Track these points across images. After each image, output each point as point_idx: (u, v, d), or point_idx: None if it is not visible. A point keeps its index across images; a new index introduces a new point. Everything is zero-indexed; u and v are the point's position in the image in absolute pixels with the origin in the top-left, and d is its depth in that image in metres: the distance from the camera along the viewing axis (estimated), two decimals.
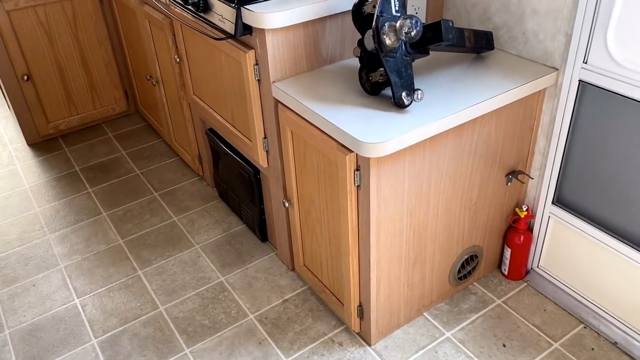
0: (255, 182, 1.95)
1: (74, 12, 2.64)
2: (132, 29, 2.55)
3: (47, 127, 2.80)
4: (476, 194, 1.63)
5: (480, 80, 1.49)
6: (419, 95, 1.36)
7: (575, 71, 1.44)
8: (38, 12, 2.56)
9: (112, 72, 2.86)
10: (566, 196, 1.63)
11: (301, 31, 1.53)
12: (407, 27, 1.27)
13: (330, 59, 1.63)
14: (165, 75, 2.33)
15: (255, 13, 1.45)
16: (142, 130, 2.89)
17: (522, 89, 1.46)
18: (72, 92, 2.80)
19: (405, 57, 1.38)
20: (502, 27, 1.62)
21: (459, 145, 1.47)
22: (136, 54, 2.64)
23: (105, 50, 2.79)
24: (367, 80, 1.44)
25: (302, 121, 1.48)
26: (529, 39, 1.56)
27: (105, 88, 2.89)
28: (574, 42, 1.41)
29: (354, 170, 1.36)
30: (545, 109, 1.60)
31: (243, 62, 1.60)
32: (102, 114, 2.94)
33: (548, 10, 1.47)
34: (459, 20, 1.75)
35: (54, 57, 2.68)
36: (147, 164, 2.61)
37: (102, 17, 2.72)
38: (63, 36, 2.66)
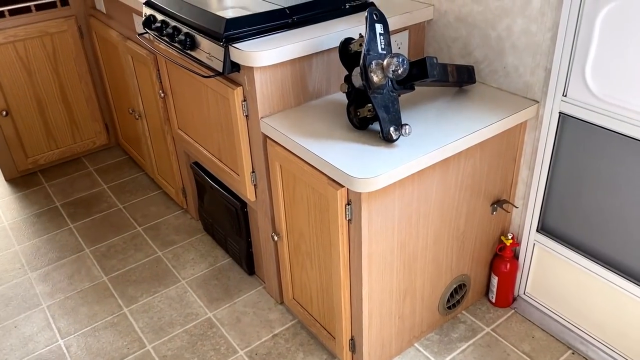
0: (242, 215, 1.94)
1: (53, 46, 2.63)
2: (113, 63, 2.55)
3: (25, 162, 2.76)
4: (463, 223, 1.65)
5: (464, 114, 1.53)
6: (406, 130, 1.38)
7: (555, 104, 1.49)
8: (17, 48, 2.54)
9: (92, 105, 2.84)
10: (550, 224, 1.67)
11: (288, 68, 1.56)
12: (394, 66, 1.30)
13: (317, 94, 1.66)
14: (148, 109, 2.33)
15: (243, 52, 1.47)
16: (123, 164, 2.87)
17: (505, 122, 1.50)
18: (51, 126, 2.77)
19: (392, 93, 1.41)
20: (483, 61, 1.67)
21: (445, 178, 1.50)
22: (118, 87, 2.64)
23: (85, 84, 2.78)
24: (355, 115, 1.46)
25: (292, 156, 1.49)
26: (510, 72, 1.61)
27: (86, 121, 2.87)
28: (553, 76, 1.46)
29: (345, 205, 1.37)
30: (527, 140, 1.64)
31: (231, 99, 1.61)
32: (82, 147, 2.91)
33: (527, 45, 1.53)
34: (440, 55, 1.80)
35: (33, 92, 2.65)
36: (130, 197, 2.59)
37: (83, 51, 2.71)
38: (43, 71, 2.64)
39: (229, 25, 1.53)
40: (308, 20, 1.65)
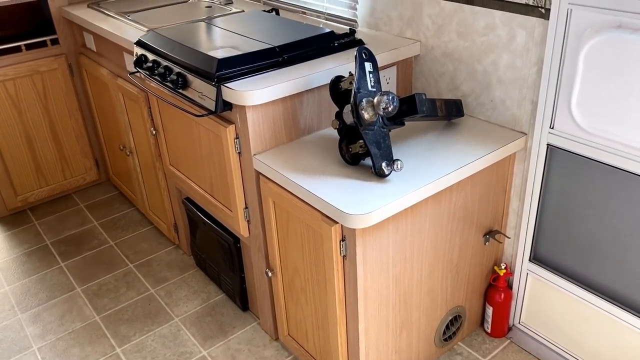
0: (236, 250, 1.94)
1: (43, 84, 2.64)
2: (104, 100, 2.56)
3: (15, 200, 2.74)
4: (457, 255, 1.66)
5: (454, 147, 1.55)
6: (398, 165, 1.40)
7: (543, 136, 1.52)
8: (7, 87, 2.55)
9: (82, 142, 2.84)
10: (543, 253, 1.69)
11: (280, 105, 1.58)
12: (385, 103, 1.33)
13: (309, 130, 1.68)
14: (139, 145, 2.33)
15: (235, 91, 1.49)
16: (114, 199, 2.86)
17: (494, 155, 1.53)
18: (41, 163, 2.76)
19: (382, 129, 1.43)
20: (470, 94, 1.70)
21: (438, 211, 1.51)
22: (108, 124, 2.64)
23: (75, 120, 2.79)
24: (347, 151, 1.48)
25: (285, 192, 1.50)
26: (497, 105, 1.64)
27: (76, 158, 2.86)
28: (540, 109, 1.49)
29: (340, 241, 1.38)
30: (516, 171, 1.67)
31: (223, 137, 1.63)
32: (72, 184, 2.89)
33: (513, 79, 1.56)
34: (428, 88, 1.83)
35: (23, 130, 2.65)
36: (121, 234, 2.57)
37: (73, 88, 2.72)
38: (32, 109, 2.65)
39: (221, 65, 1.55)
40: (298, 58, 1.68)
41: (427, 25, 1.74)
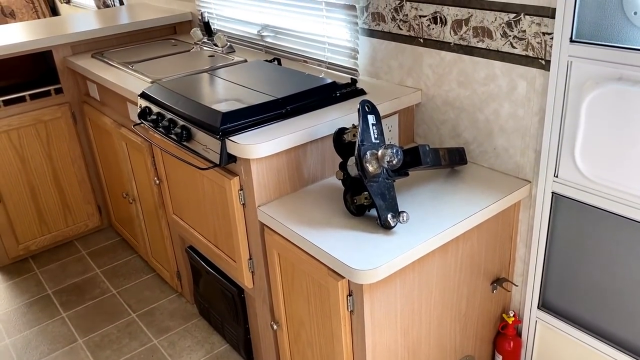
0: (240, 301, 1.91)
1: (47, 133, 2.66)
2: (107, 148, 2.58)
3: (17, 248, 2.73)
4: (464, 305, 1.64)
5: (459, 195, 1.55)
6: (404, 217, 1.40)
7: (547, 184, 1.52)
8: (11, 136, 2.56)
9: (85, 188, 2.85)
10: (551, 300, 1.66)
11: (284, 157, 1.58)
12: (389, 157, 1.33)
13: (313, 179, 1.68)
14: (142, 193, 2.33)
15: (240, 145, 1.49)
16: (116, 246, 2.84)
17: (500, 204, 1.53)
18: (43, 211, 2.76)
19: (387, 180, 1.43)
20: (473, 142, 1.71)
21: (445, 261, 1.50)
22: (111, 171, 2.65)
23: (78, 167, 2.79)
24: (352, 203, 1.48)
25: (290, 245, 1.49)
26: (500, 153, 1.65)
27: (78, 204, 2.86)
28: (544, 158, 1.50)
29: (347, 296, 1.36)
30: (522, 218, 1.66)
31: (228, 188, 1.63)
32: (74, 230, 2.88)
33: (515, 128, 1.57)
34: (430, 136, 1.84)
35: (26, 178, 2.66)
36: (123, 282, 2.55)
37: (76, 136, 2.74)
38: (36, 157, 2.66)
39: (225, 119, 1.56)
40: (301, 109, 1.69)
41: (427, 75, 1.76)
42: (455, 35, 1.62)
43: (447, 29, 1.64)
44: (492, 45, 1.54)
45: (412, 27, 1.74)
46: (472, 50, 1.60)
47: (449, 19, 1.62)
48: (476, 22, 1.55)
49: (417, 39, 1.74)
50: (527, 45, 1.45)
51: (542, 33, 1.41)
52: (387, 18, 1.81)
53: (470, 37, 1.58)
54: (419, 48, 1.75)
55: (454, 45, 1.64)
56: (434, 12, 1.66)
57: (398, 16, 1.77)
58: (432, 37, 1.69)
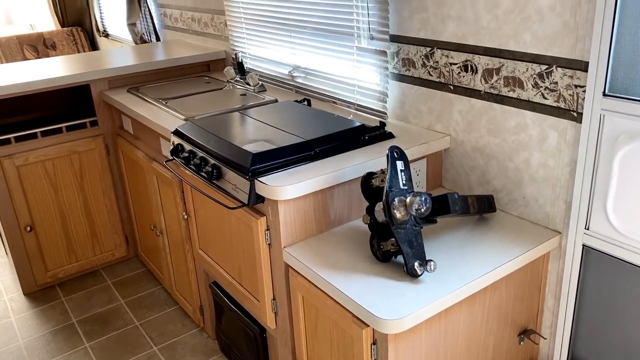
0: (261, 341, 1.90)
1: (80, 163, 2.73)
2: (138, 181, 2.63)
3: (45, 275, 2.77)
4: (490, 356, 1.60)
5: (487, 245, 1.53)
6: (431, 266, 1.38)
7: (578, 236, 1.50)
8: (46, 166, 2.64)
9: (114, 218, 2.90)
10: (580, 355, 1.61)
11: (311, 199, 1.59)
12: (417, 204, 1.33)
13: (339, 221, 1.68)
14: (170, 226, 2.36)
15: (268, 186, 1.51)
16: (141, 277, 2.87)
17: (529, 254, 1.50)
18: (73, 239, 2.81)
19: (415, 227, 1.43)
20: (502, 190, 1.70)
21: (472, 311, 1.47)
22: (140, 203, 2.70)
23: (108, 197, 2.85)
24: (378, 248, 1.47)
25: (314, 288, 1.49)
26: (529, 202, 1.63)
27: (106, 234, 2.90)
28: (574, 209, 1.48)
29: (371, 344, 1.35)
30: (551, 269, 1.63)
31: (254, 228, 1.64)
32: (101, 260, 2.92)
33: (545, 178, 1.56)
34: (458, 181, 1.84)
35: (57, 207, 2.72)
36: (147, 314, 2.56)
37: (108, 167, 2.81)
38: (68, 186, 2.72)
39: (255, 159, 1.59)
40: (329, 151, 1.71)
41: (457, 121, 1.77)
42: (486, 83, 1.63)
43: (478, 77, 1.65)
44: (523, 95, 1.54)
45: (443, 74, 1.76)
46: (502, 99, 1.60)
47: (479, 67, 1.63)
48: (507, 72, 1.56)
49: (447, 86, 1.76)
50: (559, 96, 1.45)
51: (575, 85, 1.41)
52: (417, 64, 1.83)
53: (501, 86, 1.59)
54: (448, 94, 1.76)
55: (485, 93, 1.65)
56: (464, 60, 1.67)
57: (428, 63, 1.79)
58: (463, 84, 1.70)
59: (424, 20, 1.76)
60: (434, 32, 1.74)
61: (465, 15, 1.63)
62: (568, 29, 1.38)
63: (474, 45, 1.63)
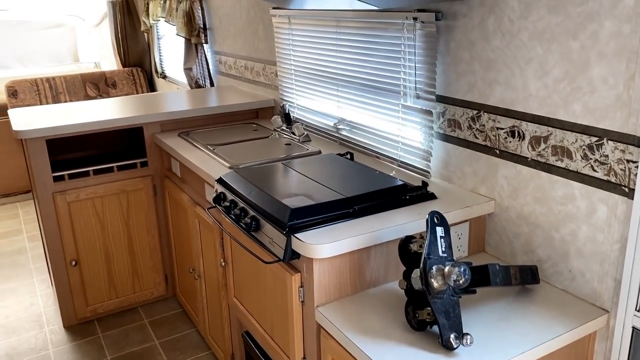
0: None
1: (128, 202, 2.81)
2: (181, 222, 2.68)
3: (85, 310, 2.83)
4: None
5: (528, 319, 1.46)
6: (468, 340, 1.33)
7: (627, 317, 1.41)
8: (96, 203, 2.73)
9: (155, 257, 2.95)
10: None
11: (347, 258, 1.57)
12: (456, 275, 1.29)
13: (374, 282, 1.65)
14: (208, 270, 2.38)
15: (305, 243, 1.51)
16: (177, 317, 2.88)
17: (573, 333, 1.42)
18: (114, 276, 2.87)
19: (452, 297, 1.38)
20: (547, 260, 1.63)
21: None
22: (182, 245, 2.74)
23: (152, 237, 2.91)
24: (413, 317, 1.43)
25: (345, 353, 1.45)
26: (576, 277, 1.55)
27: (147, 272, 2.95)
28: (624, 288, 1.40)
29: None
30: (597, 350, 1.54)
31: (288, 284, 1.63)
32: (140, 297, 2.97)
33: (593, 252, 1.49)
34: (501, 247, 1.78)
35: (103, 243, 2.80)
36: (179, 356, 2.56)
37: (154, 207, 2.88)
38: (114, 224, 2.80)
39: (293, 215, 1.59)
40: (369, 210, 1.69)
41: (502, 186, 1.73)
42: (533, 151, 1.59)
43: (525, 144, 1.61)
44: (571, 166, 1.49)
45: (489, 138, 1.73)
46: (550, 168, 1.55)
47: (527, 134, 1.60)
48: (555, 141, 1.52)
49: (493, 150, 1.73)
50: (609, 170, 1.40)
51: (627, 160, 1.35)
52: (463, 126, 1.82)
53: (549, 155, 1.55)
54: (494, 158, 1.73)
55: (531, 160, 1.60)
56: (511, 125, 1.64)
57: (475, 125, 1.77)
58: (509, 149, 1.67)
59: (472, 83, 1.75)
60: (481, 95, 1.73)
61: (514, 81, 1.61)
62: (621, 103, 1.34)
63: (521, 112, 1.60)
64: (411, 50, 1.93)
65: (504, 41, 1.62)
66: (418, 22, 1.87)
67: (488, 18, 1.65)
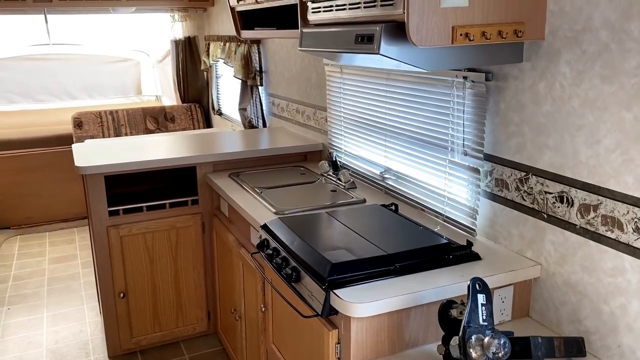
0: None
1: (177, 238, 2.90)
2: (225, 262, 2.73)
3: (129, 341, 2.90)
4: None
5: None
6: None
7: None
8: (147, 238, 2.83)
9: (199, 293, 3.01)
10: None
11: (386, 318, 1.56)
12: (495, 348, 1.26)
13: (413, 343, 1.63)
14: (248, 313, 2.41)
15: (343, 301, 1.51)
16: (217, 355, 2.91)
17: None
18: (159, 309, 2.94)
19: None
20: (595, 333, 1.57)
21: None
22: (226, 283, 2.78)
23: (197, 273, 2.98)
24: None
25: None
26: (625, 353, 1.48)
27: (191, 307, 3.01)
28: None
29: None
30: None
31: (325, 339, 1.63)
32: (182, 332, 3.02)
33: None
34: (546, 314, 1.72)
35: (150, 277, 2.88)
36: None
37: (201, 244, 2.95)
38: (163, 259, 2.89)
39: (333, 270, 1.60)
40: (410, 268, 1.68)
41: (549, 251, 1.68)
42: (582, 218, 1.55)
43: (574, 211, 1.57)
44: (622, 238, 1.44)
45: (537, 201, 1.70)
46: (599, 238, 1.51)
47: (576, 201, 1.56)
48: (606, 211, 1.48)
49: (540, 213, 1.69)
50: None
51: None
52: (510, 187, 1.79)
53: (599, 224, 1.50)
54: (542, 222, 1.69)
55: (580, 228, 1.56)
56: (560, 191, 1.61)
57: (522, 187, 1.74)
58: (557, 214, 1.63)
59: (520, 145, 1.73)
60: (530, 158, 1.71)
61: (564, 147, 1.58)
62: None
63: (571, 178, 1.57)
64: (460, 107, 1.93)
65: (554, 106, 1.60)
66: (468, 81, 1.88)
67: (539, 82, 1.64)
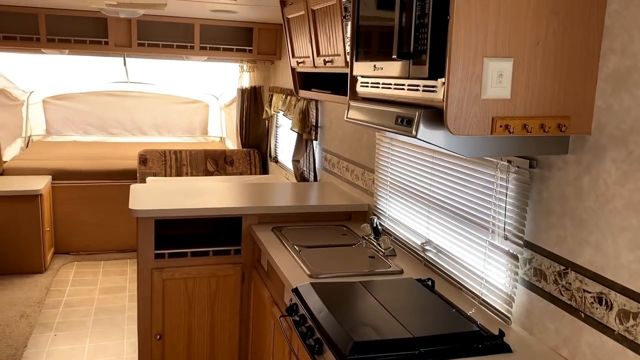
0: None
1: (217, 286, 2.95)
2: (260, 316, 2.75)
3: None
4: None
5: None
6: None
7: None
8: (187, 283, 2.89)
9: (233, 343, 3.02)
10: None
11: None
12: None
13: None
14: None
15: None
16: None
17: None
18: (193, 354, 2.97)
19: None
20: None
21: None
22: (258, 336, 2.79)
23: (233, 323, 3.00)
24: None
25: None
26: None
27: (223, 356, 3.03)
28: None
29: None
30: None
31: None
32: None
33: None
34: None
35: (187, 322, 2.93)
36: None
37: (239, 295, 2.98)
38: (201, 305, 2.94)
39: (354, 349, 1.58)
40: (436, 355, 1.63)
41: (584, 352, 1.59)
42: (621, 325, 1.46)
43: (612, 315, 1.49)
44: None
45: (574, 298, 1.62)
46: (638, 348, 1.41)
47: (615, 305, 1.48)
48: None
49: (578, 312, 1.61)
50: None
51: None
52: (549, 279, 1.72)
53: (638, 334, 1.41)
54: (579, 321, 1.61)
55: (618, 334, 1.47)
56: (599, 292, 1.53)
57: (561, 281, 1.67)
58: (595, 316, 1.55)
59: (561, 237, 1.67)
60: (570, 252, 1.64)
61: (605, 246, 1.51)
62: None
63: (611, 280, 1.50)
64: (503, 190, 1.90)
65: (597, 203, 1.54)
66: (512, 165, 1.85)
67: (583, 176, 1.59)
